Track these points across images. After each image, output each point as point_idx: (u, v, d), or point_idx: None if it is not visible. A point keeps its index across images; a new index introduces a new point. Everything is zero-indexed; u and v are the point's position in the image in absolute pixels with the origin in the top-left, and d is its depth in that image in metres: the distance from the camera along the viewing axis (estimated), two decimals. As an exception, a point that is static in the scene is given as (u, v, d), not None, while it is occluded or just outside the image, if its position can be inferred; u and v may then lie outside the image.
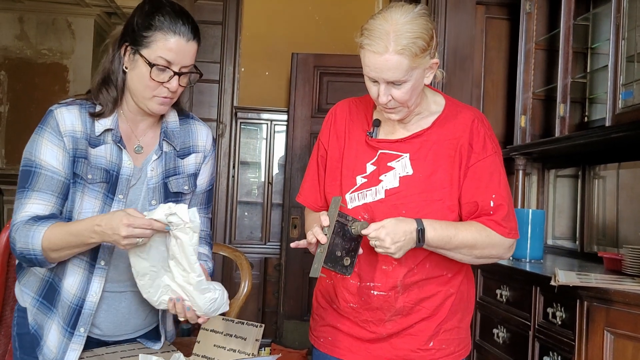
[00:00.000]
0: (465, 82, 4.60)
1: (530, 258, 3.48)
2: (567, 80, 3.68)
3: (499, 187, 2.05)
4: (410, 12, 1.92)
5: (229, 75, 6.32)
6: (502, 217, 2.03)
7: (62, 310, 2.02)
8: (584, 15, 3.87)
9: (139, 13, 2.02)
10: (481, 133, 2.07)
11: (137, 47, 1.99)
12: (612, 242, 3.65)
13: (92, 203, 2.01)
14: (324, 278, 2.21)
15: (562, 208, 4.24)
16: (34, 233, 1.91)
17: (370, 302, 2.08)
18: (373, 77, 1.94)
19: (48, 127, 2.00)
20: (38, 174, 1.98)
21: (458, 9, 4.60)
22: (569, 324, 2.58)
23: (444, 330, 2.11)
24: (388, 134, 2.12)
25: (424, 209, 2.02)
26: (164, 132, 2.15)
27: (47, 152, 1.98)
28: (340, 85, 5.90)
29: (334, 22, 6.38)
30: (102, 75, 2.07)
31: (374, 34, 1.90)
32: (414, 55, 1.89)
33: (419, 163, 2.05)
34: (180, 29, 1.98)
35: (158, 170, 2.11)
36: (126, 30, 2.03)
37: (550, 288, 2.61)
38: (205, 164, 2.24)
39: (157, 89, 2.01)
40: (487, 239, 2.02)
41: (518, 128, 4.16)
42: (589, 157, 3.85)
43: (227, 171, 6.26)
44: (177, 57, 1.98)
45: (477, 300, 3.55)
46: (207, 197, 2.29)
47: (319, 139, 2.24)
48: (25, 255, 1.94)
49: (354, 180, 2.10)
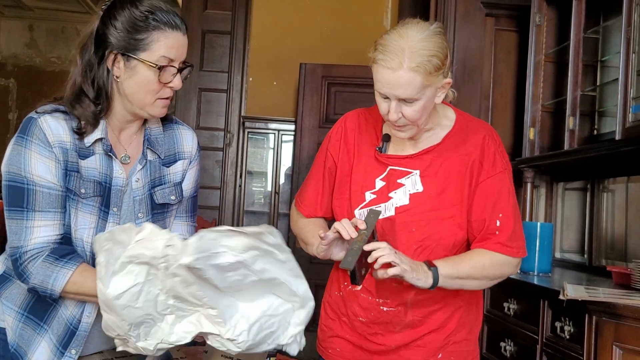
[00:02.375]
0: (474, 94, 4.59)
1: (538, 271, 3.46)
2: (577, 93, 3.67)
3: (507, 206, 2.03)
4: (426, 29, 1.89)
5: (237, 85, 6.33)
6: (507, 236, 2.02)
7: (58, 327, 1.91)
8: (594, 28, 3.86)
9: (121, 12, 1.84)
10: (491, 150, 2.05)
11: (132, 52, 1.83)
12: (620, 256, 3.63)
13: (88, 219, 1.89)
14: (334, 290, 2.19)
15: (570, 221, 4.21)
16: (57, 275, 1.79)
17: (379, 317, 2.06)
18: (385, 93, 1.91)
19: (34, 138, 1.82)
20: (34, 192, 1.82)
21: (467, 21, 4.60)
22: (577, 338, 2.56)
23: (453, 342, 2.10)
24: (398, 149, 2.10)
25: (435, 227, 2.00)
26: (147, 139, 2.01)
27: (39, 166, 1.82)
28: (348, 95, 5.91)
29: (342, 32, 6.39)
30: (74, 90, 1.90)
31: (388, 49, 1.87)
32: (427, 73, 1.87)
33: (429, 180, 2.03)
34: (175, 22, 1.85)
35: (143, 181, 1.99)
36: (106, 36, 1.85)
37: (559, 302, 2.59)
38: (190, 168, 2.11)
39: (161, 91, 1.88)
40: (494, 259, 2.02)
41: (527, 140, 4.15)
42: (598, 170, 3.83)
43: (234, 180, 6.26)
44: (178, 53, 1.86)
45: (485, 314, 3.52)
46: (192, 204, 2.16)
47: (328, 150, 2.19)
48: (39, 291, 1.81)
49: (362, 196, 2.07)
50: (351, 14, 6.43)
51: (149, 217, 2.00)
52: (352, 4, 6.44)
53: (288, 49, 6.37)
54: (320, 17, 6.43)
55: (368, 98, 2.10)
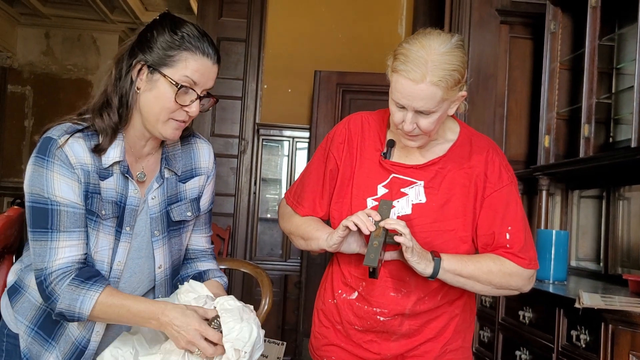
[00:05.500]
0: (489, 101, 4.58)
1: (553, 279, 3.45)
2: (592, 101, 3.66)
3: (515, 219, 2.02)
4: (448, 42, 1.87)
5: (251, 92, 6.35)
6: (519, 249, 2.00)
7: (65, 345, 1.93)
8: (609, 35, 3.84)
9: (160, 29, 1.88)
10: (496, 163, 2.05)
11: (158, 67, 1.85)
12: (636, 264, 3.60)
13: (107, 240, 1.90)
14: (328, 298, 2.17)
15: (585, 229, 4.19)
16: (83, 298, 1.80)
17: (375, 326, 2.05)
18: (403, 103, 1.89)
19: (56, 160, 1.82)
20: (58, 212, 1.82)
21: (482, 28, 4.59)
22: (593, 347, 2.55)
23: (450, 350, 2.09)
24: (402, 156, 2.08)
25: (436, 239, 2.00)
26: (165, 157, 2.03)
27: (63, 187, 1.82)
28: (363, 102, 5.90)
29: (357, 40, 6.39)
30: (103, 99, 1.91)
31: (410, 60, 1.85)
32: (448, 88, 1.86)
33: (433, 192, 2.02)
34: (207, 50, 1.87)
35: (159, 198, 2.00)
36: (141, 48, 1.88)
37: (574, 310, 2.58)
38: (207, 184, 2.13)
39: (176, 112, 1.88)
40: (503, 267, 1.99)
41: (542, 148, 4.14)
42: (614, 178, 3.81)
43: (248, 188, 6.27)
44: (202, 79, 1.87)
45: (500, 322, 3.52)
46: (208, 217, 2.19)
47: (330, 151, 2.15)
48: (66, 315, 1.82)
49: (364, 201, 2.05)
50: (366, 22, 6.43)
51: (165, 234, 2.02)
52: (367, 12, 6.44)
53: (303, 56, 6.38)
54: (334, 25, 6.44)
55: (382, 105, 2.09)
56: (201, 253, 2.19)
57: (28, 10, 10.25)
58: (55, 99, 10.55)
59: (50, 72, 10.70)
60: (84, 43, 10.81)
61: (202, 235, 2.18)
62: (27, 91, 10.65)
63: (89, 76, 10.72)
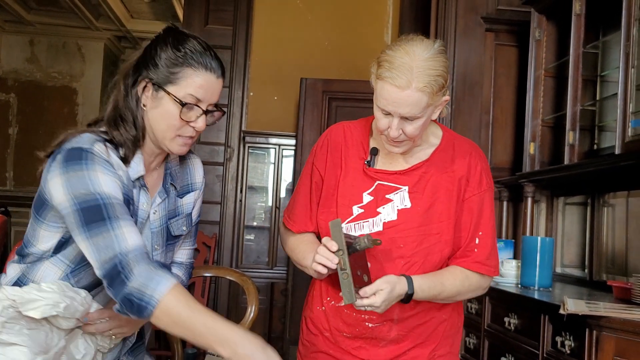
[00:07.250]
0: (474, 109, 4.60)
1: (538, 286, 3.45)
2: (577, 108, 3.68)
3: (487, 225, 2.07)
4: (431, 48, 1.89)
5: (237, 100, 6.33)
6: (485, 256, 2.06)
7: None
8: (593, 43, 3.87)
9: (162, 46, 1.85)
10: (478, 168, 2.08)
11: (161, 84, 1.83)
12: (621, 270, 3.62)
13: None
14: (316, 305, 2.17)
15: (570, 236, 4.21)
16: (160, 279, 1.67)
17: (364, 332, 2.06)
18: (388, 110, 1.90)
19: (96, 160, 1.77)
20: (111, 204, 1.74)
21: (467, 36, 4.62)
22: (578, 353, 2.56)
23: (438, 356, 2.11)
24: (386, 163, 2.10)
25: (422, 243, 2.01)
26: (169, 173, 2.03)
27: (108, 183, 1.76)
28: (349, 110, 5.91)
29: (343, 47, 6.41)
30: (116, 113, 1.88)
31: (395, 66, 1.86)
32: (433, 93, 1.88)
33: (418, 196, 2.04)
34: (211, 65, 1.85)
35: (160, 213, 1.99)
36: (144, 65, 1.87)
37: (559, 316, 2.59)
38: (198, 198, 2.13)
39: (182, 129, 1.86)
40: (471, 286, 2.06)
41: (527, 155, 4.15)
42: (598, 185, 3.83)
43: (234, 195, 6.25)
44: (207, 94, 1.85)
45: (485, 328, 3.52)
46: (195, 230, 2.17)
47: (314, 164, 2.17)
48: (135, 297, 1.66)
49: (350, 209, 2.06)
50: (352, 29, 6.45)
51: (164, 249, 2.02)
52: (353, 19, 6.45)
53: (289, 63, 6.38)
54: (321, 32, 6.45)
55: (369, 113, 2.10)
56: (176, 264, 2.15)
57: (12, 18, 10.19)
58: (40, 106, 10.48)
59: (34, 79, 10.63)
60: (68, 50, 10.75)
61: (185, 249, 2.16)
62: (11, 99, 10.57)
63: (74, 84, 10.65)
